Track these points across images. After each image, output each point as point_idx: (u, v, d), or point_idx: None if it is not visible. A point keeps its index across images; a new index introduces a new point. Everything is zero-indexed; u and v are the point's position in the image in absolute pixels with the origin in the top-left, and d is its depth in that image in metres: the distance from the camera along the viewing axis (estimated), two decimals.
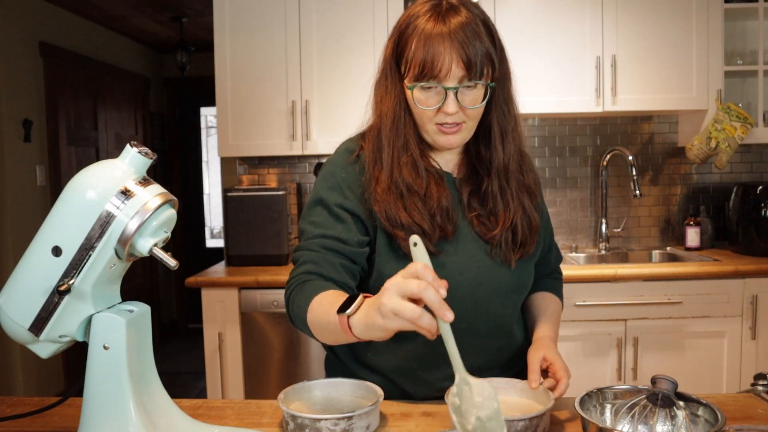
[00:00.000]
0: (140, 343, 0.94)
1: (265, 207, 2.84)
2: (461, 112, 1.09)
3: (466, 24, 1.06)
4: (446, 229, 1.12)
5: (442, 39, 1.05)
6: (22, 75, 3.74)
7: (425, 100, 1.09)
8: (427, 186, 1.13)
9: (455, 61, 1.05)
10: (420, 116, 1.12)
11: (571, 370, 1.10)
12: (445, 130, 1.11)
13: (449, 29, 1.05)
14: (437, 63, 1.05)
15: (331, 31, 2.87)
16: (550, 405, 0.93)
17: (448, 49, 1.04)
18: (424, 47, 1.06)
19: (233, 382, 2.68)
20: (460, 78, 1.06)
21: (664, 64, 2.84)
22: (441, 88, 1.07)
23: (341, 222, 1.13)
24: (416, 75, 1.07)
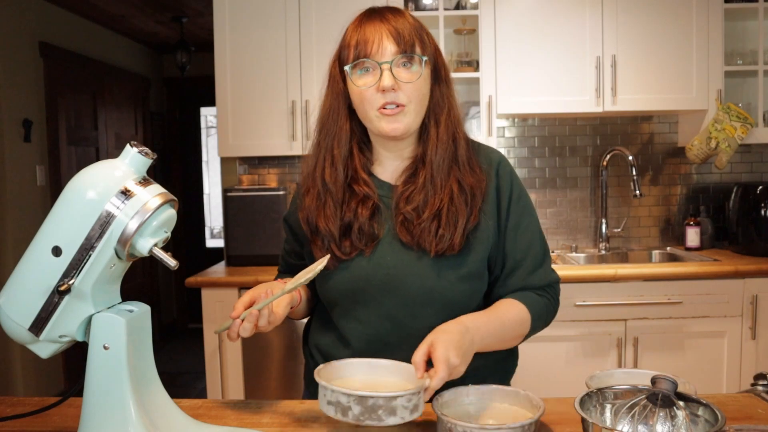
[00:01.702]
0: (140, 343, 0.94)
1: (265, 207, 2.84)
2: (401, 92, 1.11)
3: (397, 14, 1.16)
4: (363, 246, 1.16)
5: (373, 21, 1.14)
6: (22, 75, 3.74)
7: (361, 80, 1.13)
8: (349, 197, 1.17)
9: (385, 37, 1.11)
10: (362, 104, 1.14)
11: (571, 370, 1.10)
12: (387, 112, 1.12)
13: (380, 17, 1.14)
14: (368, 42, 1.12)
15: (331, 31, 2.86)
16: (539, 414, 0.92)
17: (378, 27, 1.13)
18: (357, 31, 1.14)
19: (233, 382, 2.68)
20: (393, 52, 1.11)
21: (664, 64, 2.84)
22: (376, 64, 1.11)
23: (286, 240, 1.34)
24: (353, 57, 1.13)
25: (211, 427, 1.01)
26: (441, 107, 1.19)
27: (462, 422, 0.89)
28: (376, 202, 1.17)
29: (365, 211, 1.16)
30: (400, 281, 1.14)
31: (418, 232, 1.13)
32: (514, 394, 1.02)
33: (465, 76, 2.89)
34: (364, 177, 1.19)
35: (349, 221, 1.16)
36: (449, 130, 1.18)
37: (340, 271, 1.16)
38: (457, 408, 1.00)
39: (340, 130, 1.18)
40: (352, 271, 1.15)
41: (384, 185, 1.20)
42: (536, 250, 1.20)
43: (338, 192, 1.16)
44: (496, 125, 2.89)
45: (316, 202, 1.18)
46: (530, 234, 1.20)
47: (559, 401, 1.11)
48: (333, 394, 0.89)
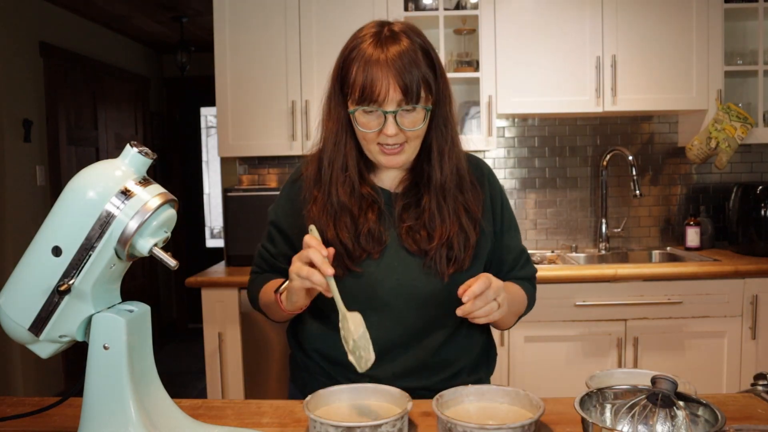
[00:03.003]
0: (140, 343, 0.94)
1: (265, 207, 2.79)
2: (401, 134, 1.14)
3: (404, 52, 1.12)
4: (372, 249, 1.18)
5: (380, 66, 1.11)
6: (22, 75, 3.74)
7: (367, 123, 1.14)
8: (360, 208, 1.20)
9: (392, 87, 1.11)
10: (363, 138, 1.17)
11: (571, 370, 1.10)
12: (386, 150, 1.16)
13: (386, 57, 1.11)
14: (376, 89, 1.11)
15: (331, 31, 2.87)
16: (539, 413, 0.92)
17: (386, 75, 1.11)
18: (364, 73, 1.12)
19: (233, 382, 2.68)
20: (399, 102, 1.12)
21: (664, 64, 2.84)
22: (381, 111, 1.12)
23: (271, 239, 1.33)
24: (357, 99, 1.13)
25: (211, 427, 1.01)
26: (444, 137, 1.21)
27: (462, 422, 0.89)
28: (381, 207, 1.21)
29: (373, 215, 1.20)
30: (412, 286, 1.19)
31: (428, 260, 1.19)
32: (514, 394, 1.02)
33: (465, 76, 2.89)
34: (368, 185, 1.22)
35: (362, 227, 1.19)
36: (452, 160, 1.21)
37: (351, 277, 1.18)
38: (457, 408, 1.00)
39: (350, 149, 1.20)
40: (364, 276, 1.18)
41: (383, 192, 1.24)
42: (522, 247, 1.35)
43: (354, 207, 1.19)
44: (496, 125, 2.89)
45: (326, 217, 1.19)
46: (517, 234, 1.33)
47: (559, 401, 1.11)
48: (322, 426, 0.91)
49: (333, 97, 1.20)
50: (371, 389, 1.05)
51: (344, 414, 1.01)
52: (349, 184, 1.19)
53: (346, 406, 1.03)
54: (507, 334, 2.55)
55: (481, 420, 0.98)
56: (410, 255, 1.19)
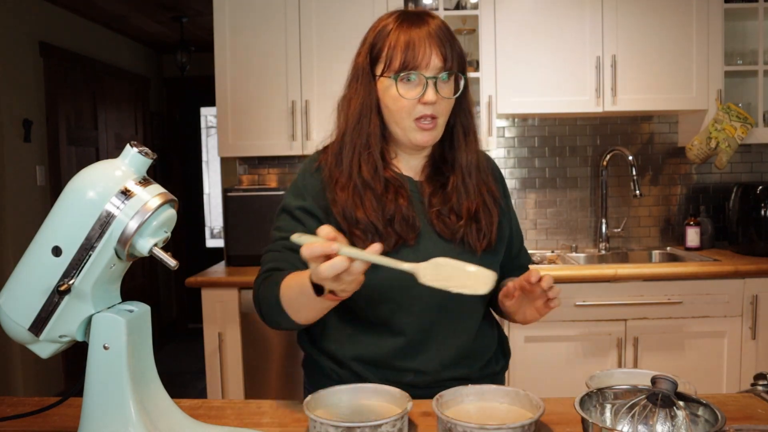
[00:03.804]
0: (140, 343, 0.94)
1: (265, 207, 2.84)
2: (438, 105, 1.16)
3: (441, 25, 1.17)
4: (407, 236, 1.17)
5: (420, 33, 1.14)
6: (22, 75, 3.74)
7: (406, 92, 1.15)
8: (385, 189, 1.18)
9: (435, 53, 1.14)
10: (399, 112, 1.17)
11: (571, 370, 1.10)
12: (423, 126, 1.17)
13: (428, 27, 1.15)
14: (419, 53, 1.13)
15: (331, 31, 2.87)
16: (539, 413, 0.92)
17: (427, 42, 1.14)
18: (406, 41, 1.14)
19: (233, 382, 2.68)
20: (438, 69, 1.14)
21: (664, 64, 2.84)
22: (422, 77, 1.14)
23: (301, 224, 1.20)
24: (399, 66, 1.14)
25: (211, 427, 1.01)
26: (467, 114, 1.24)
27: (462, 422, 0.89)
28: (410, 193, 1.21)
29: (404, 201, 1.19)
30: None
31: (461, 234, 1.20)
32: (514, 394, 1.02)
33: None
34: (394, 169, 1.23)
35: (392, 212, 1.17)
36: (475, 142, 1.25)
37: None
38: (457, 408, 1.00)
39: (374, 128, 1.19)
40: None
41: (408, 179, 1.24)
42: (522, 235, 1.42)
43: (378, 186, 1.18)
44: (496, 125, 2.89)
45: (353, 197, 1.17)
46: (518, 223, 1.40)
47: (559, 401, 1.11)
48: (322, 426, 0.91)
49: (360, 77, 1.20)
50: (371, 389, 1.05)
51: (344, 414, 1.01)
52: (371, 163, 1.19)
53: (346, 406, 1.03)
54: (507, 334, 2.55)
55: (481, 420, 0.98)
56: (444, 240, 1.20)
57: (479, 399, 1.03)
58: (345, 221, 1.16)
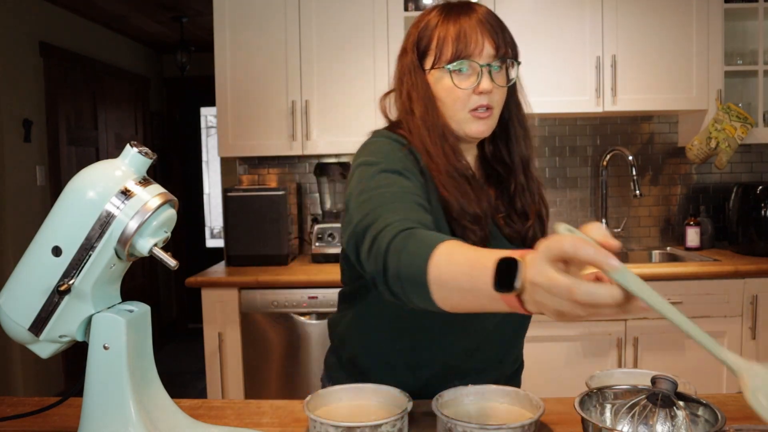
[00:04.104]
0: (140, 343, 0.94)
1: (265, 207, 2.84)
2: (493, 95, 1.11)
3: (489, 12, 1.13)
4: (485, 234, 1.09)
5: (470, 21, 1.10)
6: (22, 75, 3.74)
7: (460, 82, 1.11)
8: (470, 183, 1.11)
9: (487, 40, 1.09)
10: (453, 103, 1.12)
11: (571, 370, 1.10)
12: (479, 115, 1.11)
13: (477, 15, 1.11)
14: (471, 41, 1.09)
15: (331, 31, 2.87)
16: (539, 413, 0.92)
17: (478, 30, 1.09)
18: (456, 30, 1.10)
19: (233, 382, 2.68)
20: (491, 57, 1.10)
21: (664, 64, 2.84)
22: (476, 65, 1.09)
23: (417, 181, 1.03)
24: (451, 56, 1.10)
25: (211, 427, 1.01)
26: (520, 107, 1.21)
27: (462, 422, 0.89)
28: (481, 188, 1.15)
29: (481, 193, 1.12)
30: None
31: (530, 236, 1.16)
32: (514, 394, 1.02)
33: None
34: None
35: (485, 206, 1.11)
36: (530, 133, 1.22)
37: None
38: (457, 408, 1.00)
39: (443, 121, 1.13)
40: None
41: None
42: None
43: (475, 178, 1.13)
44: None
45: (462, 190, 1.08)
46: None
47: (559, 401, 1.11)
48: (322, 426, 0.91)
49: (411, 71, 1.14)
50: (371, 389, 1.05)
51: (344, 414, 1.01)
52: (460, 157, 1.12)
53: (346, 406, 1.03)
54: None
55: (481, 420, 0.98)
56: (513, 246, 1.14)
57: (479, 399, 1.03)
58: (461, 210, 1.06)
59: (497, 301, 0.68)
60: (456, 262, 0.75)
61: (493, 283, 0.67)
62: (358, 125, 2.84)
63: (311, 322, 2.64)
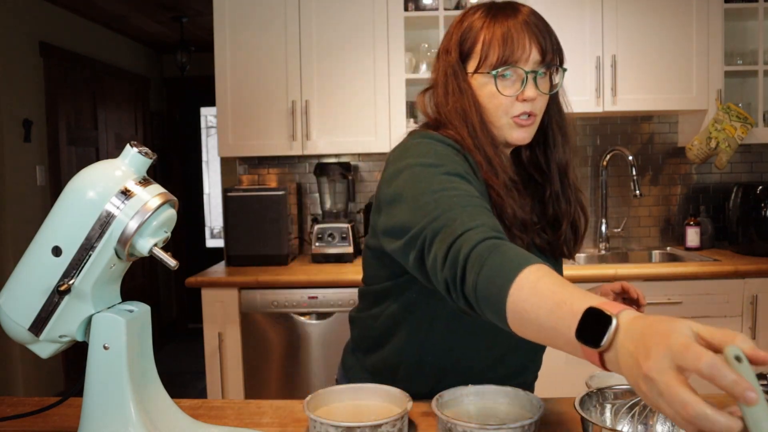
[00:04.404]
0: (140, 343, 0.94)
1: (265, 207, 2.84)
2: (536, 101, 1.09)
3: (535, 14, 1.09)
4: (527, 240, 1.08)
5: (518, 26, 1.06)
6: (22, 75, 3.74)
7: (504, 88, 1.07)
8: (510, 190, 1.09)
9: (534, 46, 1.06)
10: (496, 110, 1.09)
11: (571, 370, 1.10)
12: (521, 122, 1.08)
13: (523, 17, 1.07)
14: (518, 47, 1.05)
15: (331, 31, 2.87)
16: (539, 413, 0.92)
17: (525, 34, 1.06)
18: (503, 34, 1.06)
19: (233, 382, 2.68)
20: (537, 63, 1.07)
21: (664, 64, 2.84)
22: (522, 71, 1.06)
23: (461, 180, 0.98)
24: (496, 62, 1.06)
25: (211, 427, 1.01)
26: (561, 113, 1.18)
27: (462, 422, 0.89)
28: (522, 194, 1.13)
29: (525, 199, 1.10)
30: None
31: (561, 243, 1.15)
32: (514, 394, 1.02)
33: None
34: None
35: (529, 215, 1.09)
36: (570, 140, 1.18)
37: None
38: (457, 408, 1.00)
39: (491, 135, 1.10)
40: None
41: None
42: None
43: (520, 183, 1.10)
44: None
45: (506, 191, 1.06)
46: None
47: (559, 401, 1.11)
48: (322, 426, 0.91)
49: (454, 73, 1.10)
50: (371, 389, 1.05)
51: (344, 414, 1.01)
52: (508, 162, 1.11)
53: (346, 406, 1.03)
54: None
55: (481, 420, 0.98)
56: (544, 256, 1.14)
57: (479, 399, 1.03)
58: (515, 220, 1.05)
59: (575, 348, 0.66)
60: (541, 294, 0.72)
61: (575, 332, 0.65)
62: (358, 125, 2.84)
63: (311, 322, 2.64)
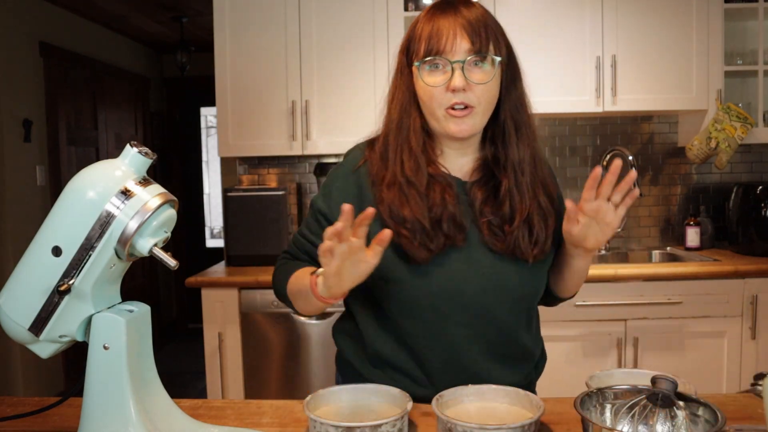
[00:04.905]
0: (140, 343, 0.94)
1: (265, 207, 2.84)
2: (470, 93, 1.08)
3: (474, 7, 1.11)
4: (455, 237, 1.11)
5: (447, 15, 1.08)
6: (22, 75, 3.74)
7: (431, 78, 1.09)
8: (429, 187, 1.12)
9: (459, 34, 1.07)
10: (430, 101, 1.10)
11: (571, 370, 1.10)
12: (455, 113, 1.09)
13: (455, 9, 1.09)
14: (442, 36, 1.07)
15: (331, 31, 2.87)
16: (539, 413, 0.92)
17: (453, 23, 1.08)
18: (430, 24, 1.09)
19: (233, 382, 2.68)
20: (467, 50, 1.07)
21: (664, 64, 2.84)
22: (447, 62, 1.07)
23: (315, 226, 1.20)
24: (424, 52, 1.09)
25: (211, 427, 1.01)
26: (520, 109, 1.17)
27: (462, 422, 0.89)
28: (457, 193, 1.15)
29: (451, 198, 1.12)
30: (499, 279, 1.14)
31: (511, 240, 1.13)
32: (514, 394, 1.02)
33: None
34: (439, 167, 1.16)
35: (439, 212, 1.11)
36: (530, 132, 1.17)
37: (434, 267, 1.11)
38: (457, 408, 1.00)
39: (415, 122, 1.14)
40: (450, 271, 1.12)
41: (455, 180, 1.17)
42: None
43: (421, 183, 1.12)
44: None
45: (399, 195, 1.11)
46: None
47: (559, 401, 1.11)
48: (322, 426, 0.91)
49: (399, 72, 1.16)
50: (371, 389, 1.05)
51: (344, 414, 1.01)
52: (413, 159, 1.13)
53: (346, 406, 1.03)
54: None
55: (481, 420, 0.98)
56: (493, 252, 1.14)
57: (479, 399, 1.03)
58: (392, 220, 1.11)
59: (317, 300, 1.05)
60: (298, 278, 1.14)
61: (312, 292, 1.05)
62: (358, 125, 2.84)
63: (311, 322, 2.64)
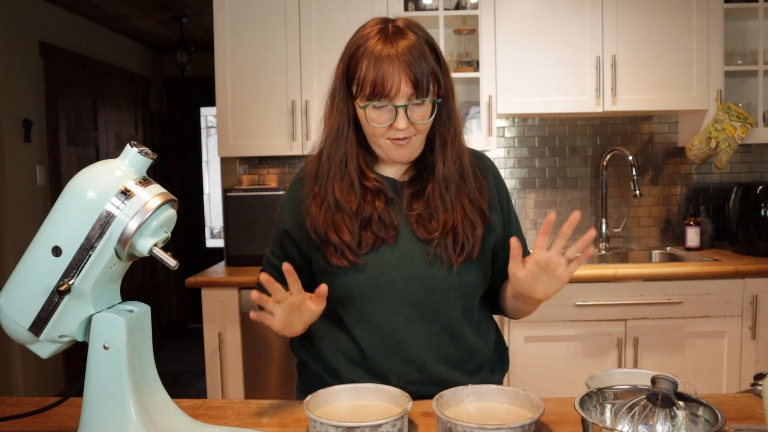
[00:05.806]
0: (140, 343, 0.94)
1: (265, 207, 2.84)
2: (411, 127, 1.16)
3: (413, 46, 1.13)
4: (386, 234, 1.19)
5: (391, 61, 1.12)
6: (22, 75, 3.74)
7: (377, 117, 1.15)
8: (361, 201, 1.19)
9: (404, 81, 1.12)
10: (372, 133, 1.18)
11: (571, 369, 1.10)
12: (397, 143, 1.17)
13: (397, 51, 1.12)
14: (387, 83, 1.12)
15: (331, 31, 2.87)
16: (539, 413, 0.92)
17: (397, 70, 1.12)
18: (375, 69, 1.12)
19: (233, 382, 2.68)
20: (409, 96, 1.13)
21: (664, 64, 2.84)
22: (392, 106, 1.13)
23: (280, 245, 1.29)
24: (368, 95, 1.14)
25: (211, 427, 1.01)
26: (448, 129, 1.22)
27: (462, 422, 0.89)
28: (389, 194, 1.22)
29: (381, 203, 1.20)
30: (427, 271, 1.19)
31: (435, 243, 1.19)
32: (514, 394, 1.02)
33: (465, 76, 2.89)
34: (373, 175, 1.23)
35: (369, 215, 1.19)
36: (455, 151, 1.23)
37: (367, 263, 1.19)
38: (456, 408, 1.00)
39: (351, 145, 1.21)
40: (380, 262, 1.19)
41: (388, 180, 1.25)
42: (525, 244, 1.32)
43: (352, 203, 1.19)
44: (496, 125, 2.89)
45: (324, 213, 1.19)
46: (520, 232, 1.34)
47: (559, 401, 1.11)
48: (322, 426, 0.91)
49: (337, 93, 1.21)
50: (371, 389, 1.05)
51: (344, 414, 1.01)
52: (347, 180, 1.20)
53: (346, 406, 1.03)
54: (507, 334, 2.55)
55: (481, 420, 0.98)
56: (422, 242, 1.20)
57: (479, 399, 1.03)
58: (316, 236, 1.20)
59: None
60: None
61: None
62: None
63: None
